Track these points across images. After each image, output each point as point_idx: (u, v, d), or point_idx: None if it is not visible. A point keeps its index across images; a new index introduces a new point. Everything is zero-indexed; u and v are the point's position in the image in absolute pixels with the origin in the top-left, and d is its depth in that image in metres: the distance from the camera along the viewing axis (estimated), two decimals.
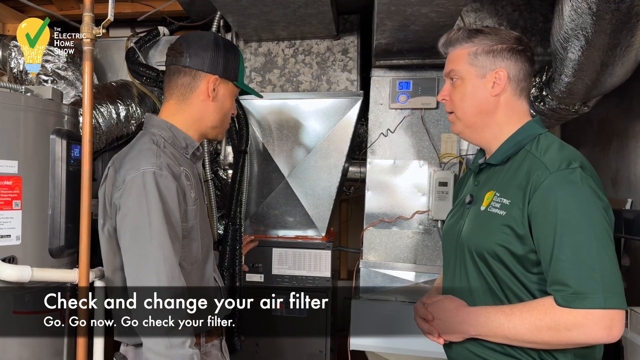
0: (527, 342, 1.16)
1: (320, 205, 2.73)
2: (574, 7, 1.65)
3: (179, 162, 1.50)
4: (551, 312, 1.13)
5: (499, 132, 1.35)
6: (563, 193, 1.15)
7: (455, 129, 1.41)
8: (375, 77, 2.66)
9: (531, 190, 1.19)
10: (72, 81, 2.68)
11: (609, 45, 1.71)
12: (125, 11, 3.12)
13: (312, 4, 2.21)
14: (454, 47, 1.38)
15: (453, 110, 1.39)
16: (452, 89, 1.38)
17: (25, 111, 1.71)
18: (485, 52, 1.35)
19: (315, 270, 2.67)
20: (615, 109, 2.80)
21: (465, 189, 1.48)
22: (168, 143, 1.52)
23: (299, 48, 2.79)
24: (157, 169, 1.39)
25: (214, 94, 1.55)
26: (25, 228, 1.69)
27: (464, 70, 1.36)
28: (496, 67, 1.34)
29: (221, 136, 1.65)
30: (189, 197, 1.48)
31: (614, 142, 2.83)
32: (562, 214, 1.14)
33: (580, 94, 2.16)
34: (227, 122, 1.63)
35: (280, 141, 2.73)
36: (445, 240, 1.46)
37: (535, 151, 1.27)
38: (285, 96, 2.76)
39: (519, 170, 1.26)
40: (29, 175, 1.70)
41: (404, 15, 1.92)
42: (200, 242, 1.53)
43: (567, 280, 1.11)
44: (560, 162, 1.20)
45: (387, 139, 2.64)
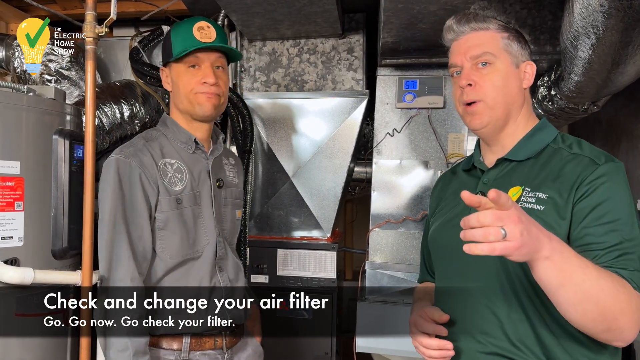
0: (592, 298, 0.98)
1: (326, 206, 2.71)
2: (584, 5, 1.62)
3: (166, 155, 1.52)
4: (629, 289, 1.02)
5: (516, 129, 1.28)
6: (618, 183, 1.12)
7: (480, 121, 1.25)
8: (381, 76, 2.64)
9: (579, 182, 1.13)
10: (75, 81, 2.66)
11: (621, 44, 1.68)
12: (128, 10, 3.11)
13: (317, 2, 2.19)
14: (484, 29, 1.25)
15: (481, 98, 1.23)
16: (482, 74, 1.23)
17: (28, 111, 1.69)
18: (517, 41, 1.27)
19: (320, 272, 2.65)
20: (625, 108, 2.76)
21: (466, 187, 1.33)
22: (165, 137, 1.55)
23: (304, 47, 2.77)
24: (121, 156, 1.45)
25: (168, 84, 1.59)
26: (28, 229, 1.67)
27: (501, 55, 1.24)
28: (525, 59, 1.27)
29: (204, 110, 1.52)
30: (165, 188, 1.48)
31: (623, 142, 2.79)
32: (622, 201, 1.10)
33: (590, 93, 2.12)
34: (189, 95, 1.52)
35: (285, 141, 2.70)
36: (445, 246, 1.32)
37: (567, 147, 1.21)
38: (290, 96, 2.74)
39: (550, 166, 1.20)
40: (32, 176, 1.68)
41: (411, 13, 1.90)
42: (181, 236, 1.50)
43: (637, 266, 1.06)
44: (604, 156, 1.16)
45: (393, 138, 2.61)
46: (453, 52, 1.30)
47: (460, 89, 1.26)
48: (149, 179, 1.46)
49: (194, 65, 1.52)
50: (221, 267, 1.59)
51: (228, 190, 1.65)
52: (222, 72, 1.56)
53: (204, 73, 1.52)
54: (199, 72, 1.52)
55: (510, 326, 1.17)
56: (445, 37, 1.32)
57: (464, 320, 1.24)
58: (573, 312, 1.01)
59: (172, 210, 1.49)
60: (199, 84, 1.51)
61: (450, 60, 1.30)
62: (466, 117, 1.29)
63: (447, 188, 1.44)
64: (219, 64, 1.55)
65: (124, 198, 1.43)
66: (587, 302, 0.99)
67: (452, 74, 1.32)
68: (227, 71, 1.60)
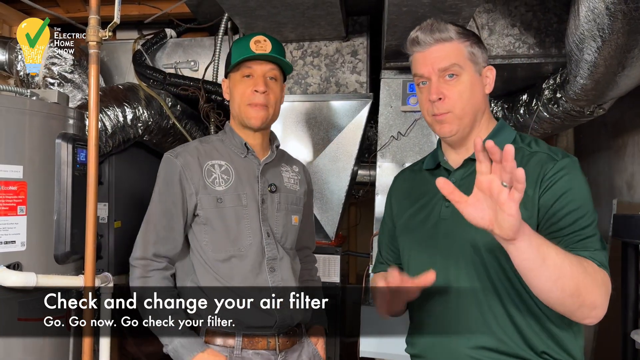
0: (567, 273, 1.07)
1: (329, 209, 2.70)
2: (590, 8, 1.61)
3: (216, 157, 1.62)
4: (594, 266, 1.13)
5: (479, 131, 1.33)
6: (576, 175, 1.21)
7: (449, 130, 1.29)
8: (385, 79, 2.63)
9: (541, 177, 1.20)
10: (78, 84, 2.66)
11: (626, 47, 1.67)
12: (132, 13, 3.11)
13: (321, 5, 2.18)
14: (447, 39, 1.29)
15: (450, 109, 1.28)
16: (449, 86, 1.28)
17: (31, 115, 1.69)
18: (478, 46, 1.31)
19: (324, 276, 2.63)
20: (630, 111, 2.75)
21: (430, 189, 1.36)
22: (221, 142, 1.67)
23: (308, 50, 2.76)
24: (170, 154, 1.60)
25: (227, 94, 1.70)
26: (31, 234, 1.67)
27: (466, 65, 1.28)
28: (485, 64, 1.32)
29: (252, 122, 1.61)
30: (207, 186, 1.57)
31: (629, 145, 2.78)
32: (582, 191, 1.20)
33: (596, 96, 2.11)
34: (243, 105, 1.62)
35: (288, 144, 2.69)
36: (421, 241, 1.34)
37: (527, 146, 1.28)
38: (293, 98, 2.73)
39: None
40: (34, 180, 1.68)
41: (415, 16, 1.89)
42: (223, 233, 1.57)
43: (597, 247, 1.16)
44: (561, 152, 1.25)
45: (398, 142, 2.60)
46: (418, 63, 1.33)
47: (429, 102, 1.30)
48: (188, 177, 1.57)
49: (248, 75, 1.61)
50: (273, 268, 1.62)
51: (283, 195, 1.70)
52: (274, 84, 1.63)
53: (255, 82, 1.60)
54: (252, 81, 1.61)
55: (492, 320, 1.22)
56: (410, 48, 1.35)
57: (447, 318, 1.27)
58: (554, 288, 1.08)
59: (212, 208, 1.57)
60: (250, 92, 1.60)
61: (415, 70, 1.34)
62: (435, 126, 1.33)
63: (412, 186, 1.46)
64: (272, 75, 1.62)
65: (162, 191, 1.59)
66: (565, 278, 1.07)
67: (417, 83, 1.35)
68: (281, 84, 1.67)
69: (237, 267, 1.57)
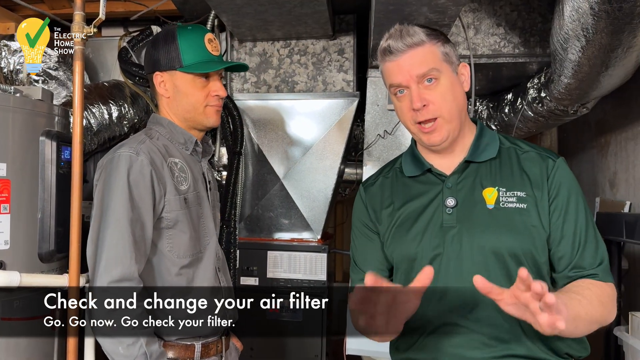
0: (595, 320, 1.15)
1: (316, 207, 2.70)
2: (574, 7, 1.62)
3: (171, 154, 1.51)
4: (602, 287, 1.18)
5: (464, 133, 1.31)
6: (572, 177, 1.26)
7: (440, 137, 1.25)
8: (371, 77, 2.63)
9: (545, 177, 1.23)
10: (63, 81, 2.64)
11: (610, 46, 1.69)
12: (117, 10, 3.08)
13: (307, 4, 2.18)
14: (418, 44, 1.23)
15: (438, 115, 1.23)
16: (430, 91, 1.23)
17: (14, 112, 1.67)
18: (447, 44, 1.28)
19: (310, 274, 2.63)
20: (613, 110, 2.78)
21: (423, 194, 1.31)
22: (164, 137, 1.53)
23: (295, 48, 2.76)
24: (133, 152, 1.41)
25: (166, 90, 1.54)
26: (14, 232, 1.65)
27: (443, 67, 1.24)
28: (459, 62, 1.29)
29: (212, 121, 1.54)
30: (174, 187, 1.46)
31: (612, 144, 2.81)
32: (579, 194, 1.25)
33: (580, 95, 2.14)
34: (199, 108, 1.52)
35: (275, 142, 2.69)
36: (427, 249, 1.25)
37: (515, 146, 1.29)
38: (280, 97, 2.73)
39: (508, 165, 1.27)
40: (18, 178, 1.66)
41: (402, 15, 1.89)
42: (190, 235, 1.48)
43: (599, 256, 1.21)
44: (550, 152, 1.27)
45: (384, 140, 2.60)
46: (392, 72, 1.26)
47: (412, 111, 1.25)
48: (158, 178, 1.43)
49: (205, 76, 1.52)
50: (219, 268, 1.60)
51: (212, 192, 1.66)
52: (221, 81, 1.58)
53: (216, 86, 1.53)
54: (209, 84, 1.53)
55: (520, 328, 1.20)
56: (382, 58, 1.28)
57: (471, 328, 1.21)
58: (585, 331, 1.17)
59: (181, 210, 1.47)
60: (211, 97, 1.53)
61: (391, 80, 1.27)
62: (423, 136, 1.27)
63: (392, 193, 1.36)
64: (221, 73, 1.59)
65: (131, 196, 1.39)
66: (592, 322, 1.14)
67: (393, 93, 1.29)
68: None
69: (199, 271, 1.51)
